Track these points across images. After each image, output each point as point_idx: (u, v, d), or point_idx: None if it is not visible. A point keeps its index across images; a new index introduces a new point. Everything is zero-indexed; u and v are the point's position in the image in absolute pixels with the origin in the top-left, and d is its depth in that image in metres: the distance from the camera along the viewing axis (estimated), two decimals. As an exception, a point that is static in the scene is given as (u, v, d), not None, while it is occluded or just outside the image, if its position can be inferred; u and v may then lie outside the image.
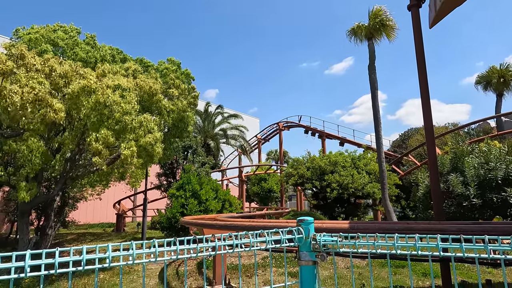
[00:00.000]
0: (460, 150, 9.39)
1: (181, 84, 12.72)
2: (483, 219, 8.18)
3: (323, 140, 29.17)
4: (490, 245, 1.08)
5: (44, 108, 7.94)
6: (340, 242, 1.30)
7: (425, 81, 6.17)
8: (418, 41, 6.28)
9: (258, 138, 35.94)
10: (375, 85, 13.71)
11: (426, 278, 7.59)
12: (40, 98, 7.82)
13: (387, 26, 14.00)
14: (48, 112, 7.89)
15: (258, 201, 31.75)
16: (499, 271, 7.74)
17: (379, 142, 13.79)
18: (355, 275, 8.09)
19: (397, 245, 1.20)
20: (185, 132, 13.20)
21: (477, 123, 20.32)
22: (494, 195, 7.92)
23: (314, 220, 3.50)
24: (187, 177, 14.29)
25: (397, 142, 31.64)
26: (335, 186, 15.19)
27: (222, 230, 6.00)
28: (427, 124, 6.07)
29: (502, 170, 7.69)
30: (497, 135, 17.63)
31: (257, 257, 10.88)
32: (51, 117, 7.90)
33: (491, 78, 23.66)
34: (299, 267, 1.39)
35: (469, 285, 6.83)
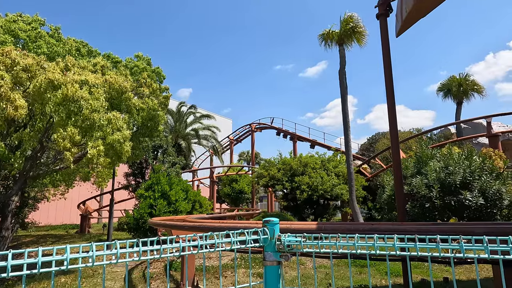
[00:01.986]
0: (424, 155, 9.86)
1: (153, 83, 12.47)
2: (442, 220, 8.63)
3: (294, 142, 29.59)
4: (441, 244, 1.15)
5: (4, 103, 7.50)
6: (304, 243, 1.34)
7: (391, 87, 6.43)
8: (385, 49, 6.53)
9: (231, 139, 35.87)
10: (345, 89, 14.09)
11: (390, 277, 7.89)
12: (1, 94, 7.40)
13: (358, 32, 14.44)
14: (7, 108, 7.47)
15: (229, 202, 31.65)
16: (457, 269, 8.18)
17: (348, 145, 14.18)
18: (323, 274, 8.26)
19: (357, 245, 1.25)
20: (156, 131, 12.93)
21: (439, 129, 21.40)
22: (453, 198, 8.38)
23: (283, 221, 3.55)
24: (157, 177, 14.00)
25: (365, 146, 32.66)
26: (305, 187, 15.44)
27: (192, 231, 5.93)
28: (392, 129, 6.32)
29: (460, 174, 8.15)
30: (457, 140, 18.66)
31: (227, 258, 10.83)
32: (10, 113, 7.48)
33: (451, 87, 24.99)
34: (263, 267, 1.41)
35: (428, 282, 7.17)
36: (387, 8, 6.84)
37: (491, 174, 8.66)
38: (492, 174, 8.69)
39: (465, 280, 7.54)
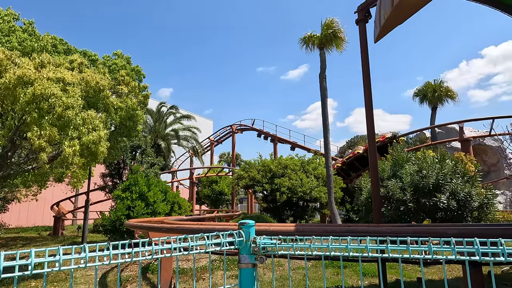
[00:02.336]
0: (399, 158, 10.13)
1: (131, 82, 12.23)
2: (416, 222, 8.88)
3: (275, 144, 29.74)
4: (412, 246, 1.18)
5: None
6: (279, 245, 1.34)
7: (369, 91, 6.57)
8: (364, 53, 6.68)
9: (211, 140, 35.66)
10: (325, 93, 14.29)
11: (365, 277, 8.03)
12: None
13: (338, 37, 14.70)
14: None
15: (208, 204, 31.42)
16: (429, 269, 8.43)
17: (327, 148, 14.38)
18: (301, 276, 8.32)
19: (331, 247, 1.27)
20: (134, 131, 12.69)
21: (414, 133, 22.05)
22: (426, 200, 8.65)
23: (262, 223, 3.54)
24: (135, 178, 13.73)
25: (344, 148, 33.23)
26: (284, 189, 15.53)
27: (169, 233, 5.84)
28: (370, 133, 6.46)
29: (433, 178, 8.42)
30: (431, 144, 19.29)
31: (206, 260, 10.74)
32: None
33: (426, 92, 25.83)
34: (239, 269, 1.40)
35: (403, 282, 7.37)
36: (366, 14, 7.00)
37: (463, 178, 8.99)
38: (464, 178, 9.03)
39: (437, 279, 7.78)
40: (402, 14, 5.24)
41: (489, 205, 9.07)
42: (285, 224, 9.87)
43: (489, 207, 9.10)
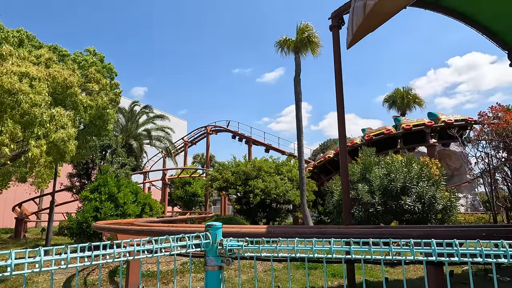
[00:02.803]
0: (369, 162, 10.43)
1: (102, 79, 11.85)
2: (385, 223, 9.17)
3: (249, 146, 29.79)
4: (374, 248, 1.21)
5: None
6: (245, 247, 1.34)
7: (341, 95, 6.72)
8: (337, 58, 6.83)
9: (185, 141, 35.19)
10: (299, 96, 14.48)
11: (335, 278, 8.18)
12: None
13: (313, 42, 14.97)
14: None
15: (181, 205, 30.95)
16: (396, 269, 8.71)
17: (301, 150, 14.57)
18: (270, 277, 8.35)
19: (297, 249, 1.28)
20: (104, 130, 12.29)
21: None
22: (394, 203, 8.95)
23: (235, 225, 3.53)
24: (104, 179, 13.30)
25: (317, 151, 33.79)
26: (258, 191, 15.57)
27: (139, 235, 5.70)
28: (341, 137, 6.60)
29: (400, 181, 8.73)
30: (400, 149, 19.97)
31: (176, 262, 10.55)
32: None
33: (396, 99, 26.79)
34: (205, 272, 1.39)
35: (370, 283, 7.55)
36: (340, 21, 7.17)
37: (428, 181, 9.39)
38: (429, 181, 9.43)
39: (402, 279, 8.05)
40: (373, 22, 5.41)
41: (452, 207, 9.52)
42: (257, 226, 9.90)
43: (452, 210, 9.56)
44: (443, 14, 7.12)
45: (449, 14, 7.10)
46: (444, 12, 7.02)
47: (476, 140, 10.38)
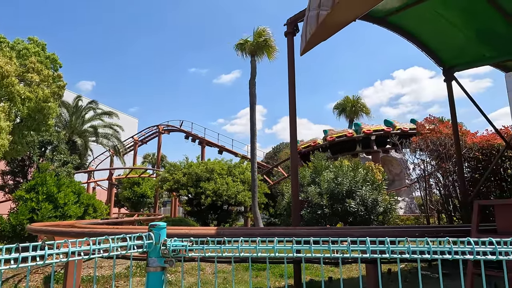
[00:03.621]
0: (319, 165, 10.83)
1: (44, 70, 11.00)
2: (331, 225, 9.57)
3: (203, 147, 29.44)
4: (313, 246, 1.27)
5: None
6: (190, 247, 1.33)
7: (294, 101, 6.91)
8: (290, 64, 7.02)
9: (135, 140, 33.83)
10: (254, 99, 14.63)
11: (283, 278, 8.35)
12: None
13: (269, 46, 15.23)
14: None
15: (129, 207, 29.64)
16: (338, 269, 9.12)
17: (253, 153, 14.71)
18: (221, 279, 8.31)
19: (240, 249, 1.30)
20: (45, 125, 11.41)
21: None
22: (340, 205, 9.39)
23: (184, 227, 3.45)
24: (42, 178, 12.31)
25: (270, 154, 34.32)
26: (210, 193, 15.43)
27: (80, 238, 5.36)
28: (292, 140, 6.77)
29: (346, 185, 9.17)
30: (347, 154, 20.97)
31: (121, 266, 10.07)
32: None
33: (345, 106, 28.16)
34: (146, 273, 1.35)
35: (315, 282, 7.83)
36: (294, 28, 7.38)
37: (372, 185, 9.98)
38: (372, 185, 10.04)
39: (345, 278, 8.44)
40: (326, 32, 5.64)
41: (391, 210, 10.21)
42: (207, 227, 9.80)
43: (392, 212, 10.25)
44: (389, 29, 7.63)
45: (395, 30, 7.63)
46: (391, 28, 7.53)
47: (414, 148, 11.23)
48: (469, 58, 7.84)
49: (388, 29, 7.62)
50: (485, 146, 9.98)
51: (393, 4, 6.62)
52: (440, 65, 8.20)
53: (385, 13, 6.99)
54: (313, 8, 5.44)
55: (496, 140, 9.81)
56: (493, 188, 9.84)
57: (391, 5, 6.67)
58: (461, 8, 6.56)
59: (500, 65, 8.16)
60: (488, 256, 1.15)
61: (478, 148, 10.02)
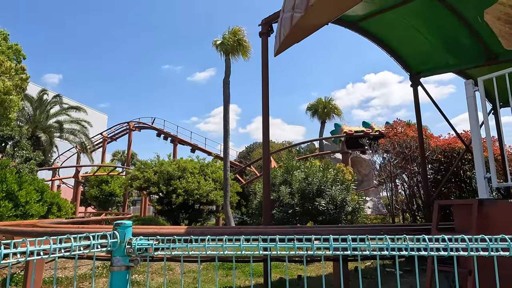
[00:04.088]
0: (290, 165, 10.97)
1: (6, 61, 10.43)
2: (301, 224, 9.73)
3: (175, 145, 28.99)
4: (279, 244, 1.30)
5: None
6: (156, 246, 1.32)
7: (267, 100, 6.96)
8: (264, 65, 7.08)
9: (104, 136, 32.75)
10: (227, 98, 14.59)
11: (253, 277, 8.40)
12: None
13: (244, 46, 15.24)
14: None
15: (96, 206, 28.66)
16: (309, 267, 9.29)
17: (226, 152, 14.67)
18: (190, 279, 8.23)
19: (207, 247, 1.30)
20: (5, 119, 10.82)
21: (305, 143, 24.16)
22: (310, 205, 9.57)
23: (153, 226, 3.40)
24: (2, 174, 11.66)
25: (243, 154, 34.33)
26: (181, 191, 15.22)
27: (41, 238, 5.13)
28: (265, 140, 6.82)
29: (316, 185, 9.36)
30: (319, 154, 21.41)
31: (86, 267, 9.73)
32: None
33: (318, 107, 28.71)
34: (110, 273, 1.32)
35: (284, 280, 7.94)
36: (269, 29, 7.44)
37: (341, 185, 10.25)
38: (342, 185, 10.30)
39: (315, 276, 8.62)
40: (299, 34, 5.73)
41: (360, 209, 10.53)
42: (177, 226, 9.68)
43: (360, 211, 10.57)
44: (360, 34, 7.86)
45: (365, 35, 7.87)
46: (361, 33, 7.76)
47: (382, 149, 11.64)
48: (434, 65, 8.23)
49: (359, 34, 7.85)
50: (447, 149, 10.52)
51: (364, 11, 6.83)
52: (407, 70, 8.55)
53: (356, 19, 7.20)
54: (288, 10, 5.51)
55: (457, 143, 10.36)
56: (454, 189, 10.39)
57: (362, 12, 6.88)
58: (427, 18, 6.88)
59: (462, 72, 8.62)
60: (441, 252, 1.23)
61: (440, 151, 10.54)
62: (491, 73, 3.84)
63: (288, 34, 5.56)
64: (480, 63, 7.44)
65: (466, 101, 4.14)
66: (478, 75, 4.19)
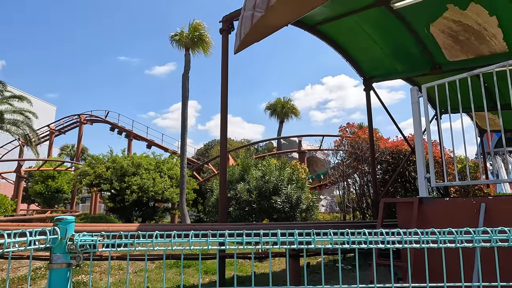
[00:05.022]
0: (247, 163, 11.05)
1: None
2: (257, 221, 9.85)
3: (130, 141, 27.95)
4: (229, 238, 1.32)
5: None
6: (100, 242, 1.27)
7: (226, 98, 6.95)
8: (224, 61, 7.05)
9: (52, 129, 30.70)
10: (186, 94, 14.35)
11: (207, 275, 8.35)
12: None
13: (205, 41, 15.05)
14: None
15: (41, 203, 26.78)
16: (264, 264, 9.43)
17: (184, 149, 14.43)
18: (141, 278, 7.99)
19: (155, 242, 1.28)
20: None
21: (264, 142, 24.46)
22: (267, 202, 9.71)
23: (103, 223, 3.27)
24: None
25: (201, 151, 33.94)
26: (135, 188, 14.71)
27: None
28: (223, 138, 6.80)
29: (273, 183, 9.53)
30: (276, 153, 21.77)
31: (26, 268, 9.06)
32: None
33: (276, 107, 29.19)
34: (48, 271, 1.25)
35: (239, 277, 7.99)
36: (230, 26, 7.42)
37: (296, 184, 10.51)
38: (297, 184, 10.57)
39: (268, 272, 8.77)
40: (259, 33, 5.78)
41: (314, 207, 10.88)
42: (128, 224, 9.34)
43: (314, 209, 10.92)
44: (319, 38, 8.10)
45: (323, 39, 8.12)
46: (320, 36, 7.99)
47: (336, 150, 12.11)
48: (385, 71, 8.71)
49: (317, 37, 8.08)
50: (395, 151, 11.20)
51: (323, 15, 7.05)
52: (361, 75, 8.97)
53: (315, 22, 7.41)
54: (249, 9, 5.53)
55: (404, 146, 11.06)
56: (400, 188, 11.09)
57: (321, 16, 7.10)
58: (381, 26, 7.27)
59: (410, 80, 9.21)
60: (380, 245, 1.32)
61: (389, 152, 11.20)
62: (434, 81, 4.15)
63: (248, 32, 5.59)
64: (426, 71, 8.00)
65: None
66: (423, 83, 4.52)
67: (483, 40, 6.71)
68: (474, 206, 3.43)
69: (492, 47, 6.85)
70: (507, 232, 1.28)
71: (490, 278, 1.64)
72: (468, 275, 3.10)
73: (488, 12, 6.01)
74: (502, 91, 4.21)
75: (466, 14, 6.23)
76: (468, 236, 1.30)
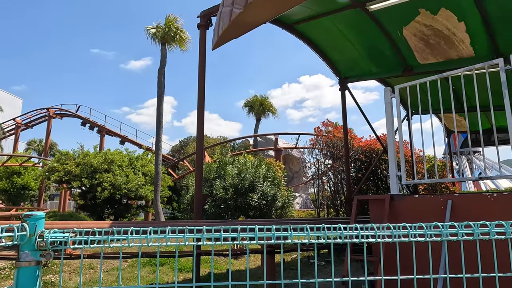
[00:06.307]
0: (224, 160, 11.01)
1: None
2: (233, 218, 9.84)
3: (102, 136, 27.14)
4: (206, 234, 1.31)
5: None
6: (72, 238, 1.23)
7: (203, 94, 6.88)
8: (202, 57, 6.98)
9: (17, 123, 29.26)
10: (162, 89, 14.09)
11: (182, 272, 8.27)
12: None
13: (181, 36, 14.82)
14: None
15: (5, 200, 25.48)
16: (238, 261, 9.44)
17: (159, 145, 14.19)
18: (114, 277, 7.81)
19: (130, 238, 1.26)
20: None
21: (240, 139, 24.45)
22: (243, 199, 9.72)
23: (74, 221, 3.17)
24: None
25: (176, 148, 33.46)
26: (107, 185, 14.31)
27: None
28: (199, 135, 6.74)
29: (249, 180, 9.55)
30: (253, 151, 21.81)
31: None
32: None
33: (254, 104, 29.25)
34: (16, 269, 1.20)
35: (214, 275, 7.97)
36: (208, 21, 7.34)
37: (272, 181, 10.58)
38: (273, 181, 10.64)
39: (244, 269, 8.80)
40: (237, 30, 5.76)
41: (289, 205, 10.99)
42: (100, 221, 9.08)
43: (289, 207, 11.03)
44: (296, 37, 8.17)
45: (301, 38, 8.20)
46: (297, 35, 8.06)
47: (311, 148, 12.29)
48: (359, 72, 8.92)
49: (295, 36, 8.15)
50: (368, 150, 11.51)
51: (300, 14, 7.12)
52: (337, 75, 9.13)
53: (293, 21, 7.47)
54: (227, 5, 5.50)
55: (376, 145, 11.38)
56: (372, 186, 11.42)
57: (299, 15, 7.16)
58: (356, 27, 7.43)
59: (383, 81, 9.49)
60: (354, 239, 1.36)
61: (362, 151, 11.49)
62: (406, 83, 4.30)
63: (226, 29, 5.56)
64: (398, 73, 8.26)
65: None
66: (396, 84, 4.67)
67: (452, 45, 7.00)
68: (441, 202, 3.59)
69: (460, 51, 7.17)
70: (472, 227, 1.35)
71: (456, 271, 1.73)
72: (437, 268, 3.25)
73: (457, 18, 6.28)
74: (469, 94, 4.42)
75: (436, 19, 6.48)
76: (437, 230, 1.36)
